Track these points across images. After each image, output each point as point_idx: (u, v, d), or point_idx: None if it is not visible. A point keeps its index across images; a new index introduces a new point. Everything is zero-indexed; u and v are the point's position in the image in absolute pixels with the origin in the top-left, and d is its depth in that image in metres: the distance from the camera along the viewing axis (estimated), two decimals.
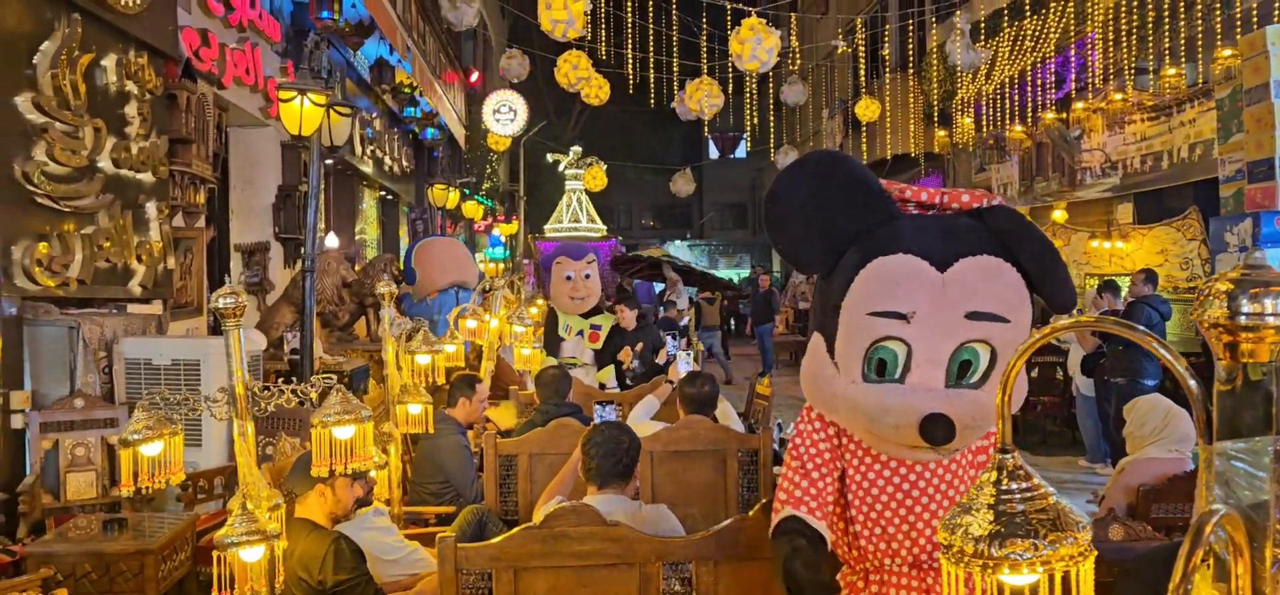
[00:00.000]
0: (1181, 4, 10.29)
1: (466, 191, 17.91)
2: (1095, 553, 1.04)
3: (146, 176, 5.94)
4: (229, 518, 2.64)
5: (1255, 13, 9.58)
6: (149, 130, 5.99)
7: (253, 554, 2.61)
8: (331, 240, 10.71)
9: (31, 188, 4.93)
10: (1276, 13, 9.17)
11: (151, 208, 6.03)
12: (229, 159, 8.59)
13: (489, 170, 22.36)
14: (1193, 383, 0.93)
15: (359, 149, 11.58)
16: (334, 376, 3.00)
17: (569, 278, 7.90)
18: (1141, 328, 1.06)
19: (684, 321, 11.73)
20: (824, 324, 2.63)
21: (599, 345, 7.96)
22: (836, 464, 2.71)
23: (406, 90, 13.53)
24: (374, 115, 12.71)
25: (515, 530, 3.03)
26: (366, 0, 9.14)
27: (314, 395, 2.83)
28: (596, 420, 5.67)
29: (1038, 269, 2.51)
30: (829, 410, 2.66)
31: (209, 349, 5.42)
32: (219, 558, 2.59)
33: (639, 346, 7.57)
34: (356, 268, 9.39)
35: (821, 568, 2.58)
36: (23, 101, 4.90)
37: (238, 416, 2.75)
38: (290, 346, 7.47)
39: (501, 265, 24.04)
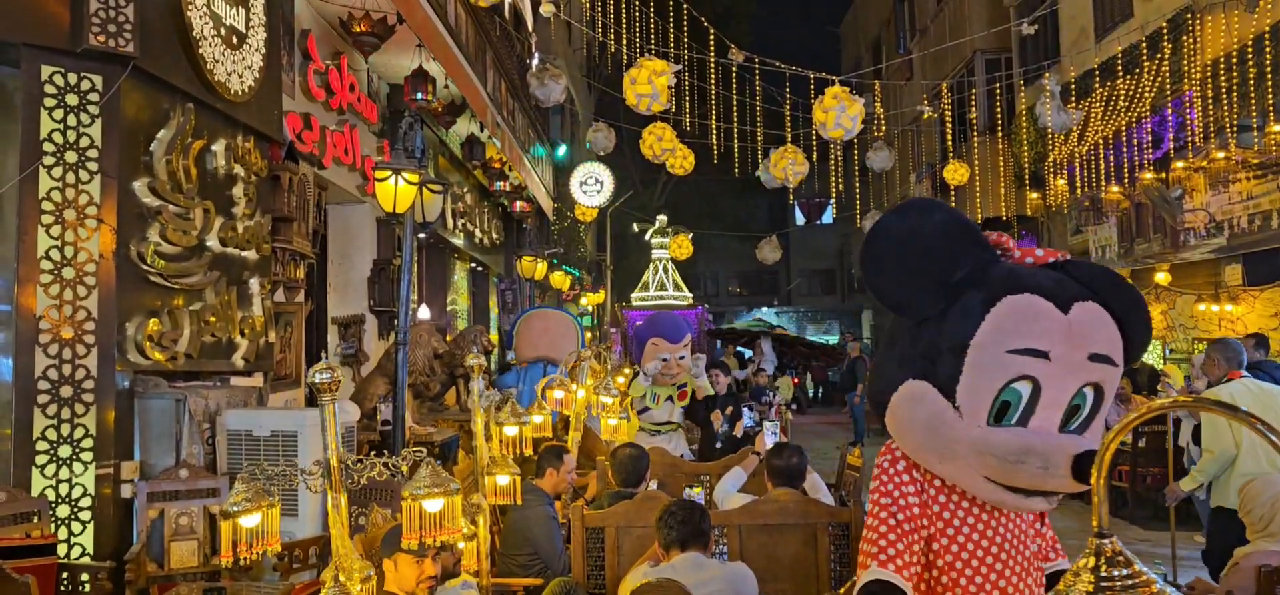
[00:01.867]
0: None
1: (554, 262, 18.17)
2: None
3: (251, 254, 6.20)
4: (323, 589, 2.69)
5: None
6: (254, 210, 6.26)
7: None
8: (423, 311, 10.96)
9: (145, 267, 5.19)
10: None
11: (254, 284, 6.28)
12: (327, 235, 8.90)
13: (576, 240, 22.68)
14: None
15: (450, 223, 11.88)
16: (424, 448, 3.06)
17: (665, 359, 7.86)
18: (1243, 408, 1.01)
19: (771, 395, 11.59)
20: (930, 369, 2.56)
21: (687, 402, 8.00)
22: (924, 515, 2.64)
23: (496, 165, 13.87)
24: (465, 190, 13.05)
25: None
26: (458, 81, 9.44)
27: (404, 468, 2.89)
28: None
29: (1131, 316, 2.55)
30: (946, 456, 2.56)
31: (306, 420, 5.57)
32: None
33: (728, 410, 7.80)
34: (448, 338, 9.58)
35: None
36: (140, 186, 5.19)
37: (332, 489, 2.82)
38: (382, 417, 7.64)
39: (588, 335, 24.21)
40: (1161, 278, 13.68)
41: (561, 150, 21.13)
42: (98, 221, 4.97)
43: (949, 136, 15.54)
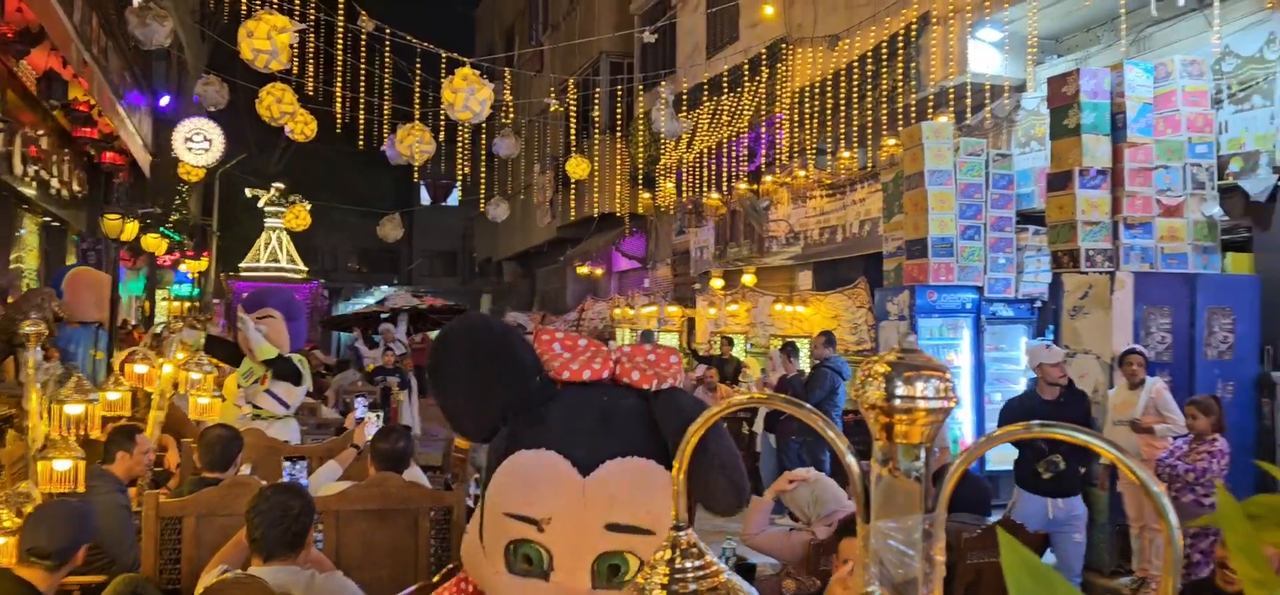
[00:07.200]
0: (855, 94, 11.43)
1: (148, 222, 16.42)
2: None
3: None
4: None
5: (914, 109, 10.84)
6: None
7: None
8: None
9: None
10: (931, 110, 10.42)
11: None
12: None
13: (178, 201, 20.67)
14: (851, 460, 0.96)
15: (19, 168, 10.29)
16: None
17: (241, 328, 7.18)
18: (806, 406, 1.08)
19: (395, 378, 11.27)
20: (483, 494, 2.34)
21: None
22: None
23: (82, 108, 12.20)
24: (40, 133, 11.36)
25: None
26: (33, 3, 8.16)
27: None
28: (285, 478, 5.29)
29: (699, 484, 2.22)
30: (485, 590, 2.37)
31: None
32: None
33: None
34: (9, 301, 8.27)
35: None
36: None
37: None
38: None
39: (186, 305, 22.24)
40: (748, 280, 15.17)
41: (165, 100, 19.11)
42: None
43: (573, 131, 16.11)
